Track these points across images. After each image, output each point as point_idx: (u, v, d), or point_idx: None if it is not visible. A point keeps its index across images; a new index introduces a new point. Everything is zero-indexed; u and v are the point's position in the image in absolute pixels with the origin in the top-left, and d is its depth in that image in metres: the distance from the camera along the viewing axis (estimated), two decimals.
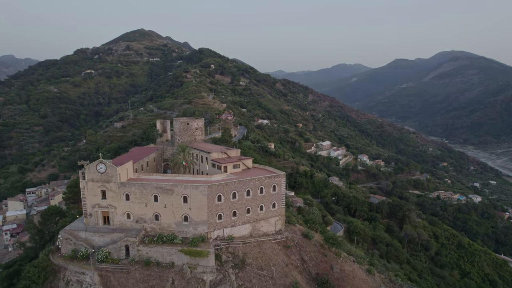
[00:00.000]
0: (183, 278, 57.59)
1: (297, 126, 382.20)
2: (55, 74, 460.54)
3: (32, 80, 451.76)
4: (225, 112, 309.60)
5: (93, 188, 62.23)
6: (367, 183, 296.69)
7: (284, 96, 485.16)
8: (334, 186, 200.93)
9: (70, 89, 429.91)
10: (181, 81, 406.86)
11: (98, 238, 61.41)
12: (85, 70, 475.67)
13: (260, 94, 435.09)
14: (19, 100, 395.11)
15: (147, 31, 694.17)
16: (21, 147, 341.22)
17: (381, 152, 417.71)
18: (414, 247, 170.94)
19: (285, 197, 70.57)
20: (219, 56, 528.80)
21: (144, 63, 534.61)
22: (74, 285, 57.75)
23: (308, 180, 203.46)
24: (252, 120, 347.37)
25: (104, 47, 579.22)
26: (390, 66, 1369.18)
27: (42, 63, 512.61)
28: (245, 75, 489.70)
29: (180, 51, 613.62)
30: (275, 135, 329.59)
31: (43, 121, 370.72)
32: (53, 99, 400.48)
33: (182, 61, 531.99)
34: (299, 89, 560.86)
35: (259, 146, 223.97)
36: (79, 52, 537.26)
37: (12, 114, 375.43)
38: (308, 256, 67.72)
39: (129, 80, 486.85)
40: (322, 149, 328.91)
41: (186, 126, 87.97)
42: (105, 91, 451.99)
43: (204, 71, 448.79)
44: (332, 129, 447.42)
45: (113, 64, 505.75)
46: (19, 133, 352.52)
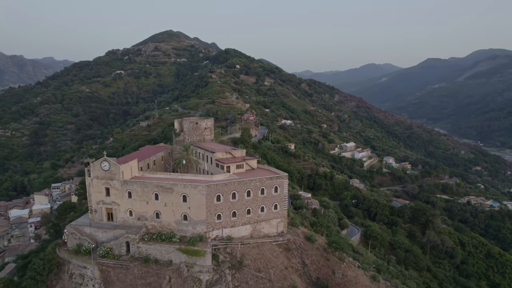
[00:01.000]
0: (180, 276, 58.09)
1: (321, 127, 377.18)
2: (88, 74, 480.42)
3: (67, 80, 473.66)
4: (248, 112, 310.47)
5: (98, 185, 64.11)
6: (392, 186, 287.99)
7: (309, 97, 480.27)
8: (355, 188, 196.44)
9: (101, 89, 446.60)
10: (206, 81, 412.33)
11: (101, 234, 63.18)
12: (115, 70, 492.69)
13: (285, 94, 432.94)
14: (54, 99, 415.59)
15: (175, 32, 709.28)
16: (55, 144, 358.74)
17: (408, 154, 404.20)
18: (437, 254, 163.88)
19: (287, 199, 69.42)
20: (244, 56, 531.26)
21: (171, 63, 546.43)
22: (76, 278, 59.74)
23: (328, 182, 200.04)
24: (275, 120, 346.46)
25: (133, 48, 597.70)
26: (421, 65, 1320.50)
27: (76, 64, 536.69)
28: (270, 75, 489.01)
29: (206, 51, 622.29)
30: (298, 136, 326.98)
31: (75, 120, 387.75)
32: (85, 98, 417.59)
33: (208, 62, 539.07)
34: (325, 89, 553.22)
35: (279, 146, 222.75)
36: (110, 53, 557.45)
37: (48, 113, 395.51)
38: (310, 259, 66.35)
39: (157, 80, 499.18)
40: (346, 150, 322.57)
41: (195, 125, 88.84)
42: (134, 91, 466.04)
43: (229, 71, 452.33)
44: (358, 130, 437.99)
45: (142, 65, 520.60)
46: (54, 131, 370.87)
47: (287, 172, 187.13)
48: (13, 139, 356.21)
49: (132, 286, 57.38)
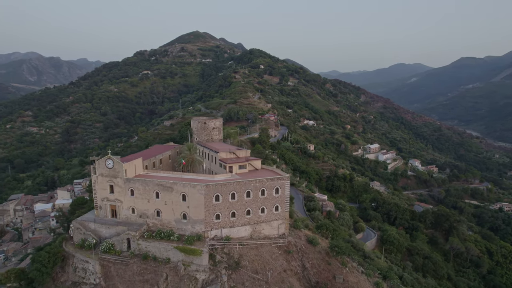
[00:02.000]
0: (176, 274, 58.66)
1: (345, 127, 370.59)
2: (116, 75, 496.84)
3: (97, 81, 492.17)
4: (269, 112, 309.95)
5: (102, 182, 65.94)
6: (416, 190, 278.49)
7: (334, 97, 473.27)
8: (375, 191, 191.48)
9: (128, 89, 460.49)
10: (229, 81, 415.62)
11: (105, 230, 64.95)
12: (142, 71, 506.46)
13: (308, 95, 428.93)
14: (85, 99, 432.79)
15: (202, 33, 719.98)
16: (84, 142, 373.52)
17: (436, 157, 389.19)
18: (461, 263, 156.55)
19: (289, 200, 68.47)
20: (269, 56, 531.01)
21: (197, 64, 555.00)
22: (80, 272, 61.75)
23: (347, 184, 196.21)
24: (297, 121, 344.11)
25: (161, 49, 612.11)
26: (454, 65, 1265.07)
27: (106, 65, 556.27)
28: (294, 75, 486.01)
29: (232, 52, 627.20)
30: (320, 137, 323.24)
31: (103, 119, 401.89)
32: (113, 98, 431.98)
33: (233, 62, 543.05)
34: (350, 89, 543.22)
35: (298, 147, 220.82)
36: (138, 54, 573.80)
37: (79, 112, 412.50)
38: (310, 263, 65.08)
39: (182, 80, 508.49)
40: (370, 152, 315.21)
41: (203, 125, 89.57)
42: (160, 90, 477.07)
43: (253, 71, 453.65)
44: (384, 131, 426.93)
45: (168, 65, 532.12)
46: (83, 129, 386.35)
47: (305, 173, 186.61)
48: (47, 136, 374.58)
49: (130, 282, 58.58)
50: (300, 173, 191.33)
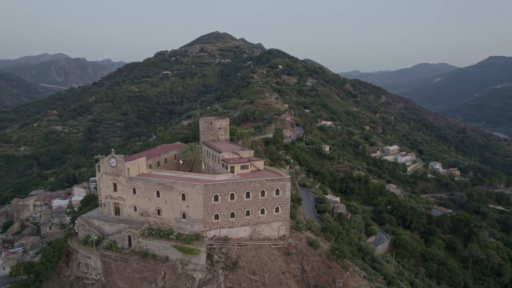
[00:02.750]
0: (174, 273, 59.18)
1: (364, 128, 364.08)
2: (137, 75, 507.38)
3: (118, 81, 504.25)
4: (286, 112, 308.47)
5: (106, 181, 67.38)
6: (436, 193, 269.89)
7: (353, 97, 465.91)
8: (390, 194, 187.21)
9: (148, 89, 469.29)
10: (247, 81, 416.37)
11: (108, 227, 66.34)
12: (163, 71, 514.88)
13: (327, 95, 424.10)
14: (106, 98, 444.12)
15: (221, 34, 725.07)
16: (105, 140, 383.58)
17: (460, 160, 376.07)
18: (481, 270, 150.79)
19: (290, 202, 67.73)
20: (288, 56, 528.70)
21: (216, 64, 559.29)
22: (82, 267, 63.36)
23: (362, 186, 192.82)
24: (314, 121, 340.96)
25: (181, 49, 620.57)
26: (482, 64, 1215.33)
27: (127, 65, 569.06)
28: (313, 75, 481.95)
29: (251, 52, 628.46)
30: (337, 138, 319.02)
31: (124, 118, 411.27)
32: (133, 98, 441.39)
33: (252, 62, 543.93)
34: (371, 90, 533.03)
35: (313, 148, 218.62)
36: (158, 54, 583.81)
37: (100, 111, 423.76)
38: (310, 266, 64.12)
39: (201, 81, 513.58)
40: (389, 153, 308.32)
41: (209, 125, 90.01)
42: (179, 90, 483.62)
43: (271, 71, 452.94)
44: (405, 133, 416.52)
45: (188, 66, 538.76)
46: (104, 128, 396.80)
47: (319, 174, 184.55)
48: (70, 134, 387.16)
49: (129, 279, 59.56)
50: (314, 174, 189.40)
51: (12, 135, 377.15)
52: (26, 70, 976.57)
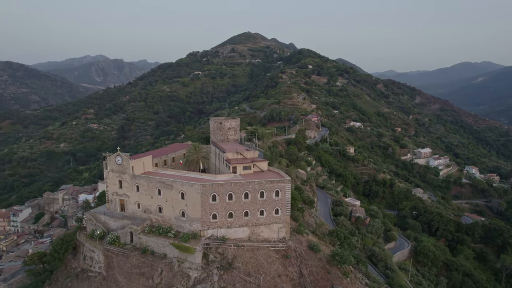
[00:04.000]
0: (171, 270, 60.22)
1: (395, 130, 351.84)
2: (169, 75, 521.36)
3: (152, 81, 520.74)
4: (313, 113, 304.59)
5: (113, 178, 69.81)
6: (471, 200, 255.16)
7: (385, 98, 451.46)
8: (416, 198, 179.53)
9: (180, 89, 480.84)
10: (276, 81, 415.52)
11: (112, 223, 68.71)
12: (194, 71, 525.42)
13: (357, 95, 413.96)
14: (139, 98, 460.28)
15: (253, 34, 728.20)
16: (137, 138, 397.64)
17: (501, 165, 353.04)
18: None
19: (290, 204, 66.67)
20: (318, 56, 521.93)
21: (246, 64, 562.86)
22: (88, 260, 66.06)
23: (386, 190, 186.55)
24: (342, 122, 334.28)
25: (212, 50, 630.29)
26: None
27: (161, 66, 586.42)
28: (344, 75, 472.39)
29: (281, 52, 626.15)
30: (366, 139, 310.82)
31: (155, 117, 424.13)
32: (165, 97, 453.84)
33: (282, 62, 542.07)
34: (404, 90, 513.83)
35: (337, 149, 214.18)
36: (190, 55, 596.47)
37: (133, 110, 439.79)
38: (308, 270, 62.79)
39: (231, 81, 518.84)
40: (420, 156, 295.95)
41: (219, 125, 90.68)
42: (209, 90, 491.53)
43: (300, 71, 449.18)
44: (439, 135, 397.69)
45: (218, 66, 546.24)
46: (137, 126, 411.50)
47: (341, 176, 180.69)
48: (105, 132, 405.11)
49: (128, 274, 61.33)
50: (336, 177, 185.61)
51: (53, 132, 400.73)
52: (70, 71, 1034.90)
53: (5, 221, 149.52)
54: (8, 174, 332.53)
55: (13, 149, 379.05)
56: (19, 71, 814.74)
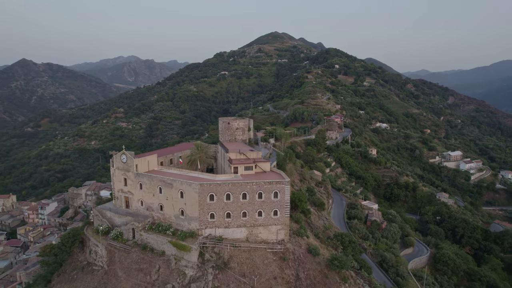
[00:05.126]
0: (168, 267, 61.24)
1: (424, 132, 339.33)
2: (196, 75, 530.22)
3: (179, 81, 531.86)
4: (337, 113, 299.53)
5: (118, 175, 71.97)
6: (506, 206, 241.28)
7: (415, 98, 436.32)
8: (441, 203, 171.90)
9: (206, 89, 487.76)
10: (301, 81, 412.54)
11: (117, 219, 70.86)
12: (220, 71, 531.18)
13: (385, 96, 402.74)
14: (167, 97, 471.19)
15: (280, 34, 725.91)
16: (164, 137, 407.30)
17: None
18: None
19: (289, 206, 65.78)
20: (345, 56, 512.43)
21: (272, 64, 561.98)
22: (93, 254, 68.52)
23: (409, 193, 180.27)
24: (368, 123, 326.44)
25: (239, 50, 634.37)
26: None
27: (188, 66, 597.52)
28: (371, 75, 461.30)
29: (308, 51, 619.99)
30: (392, 141, 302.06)
31: (182, 116, 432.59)
32: (192, 97, 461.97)
33: (308, 62, 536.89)
34: (436, 90, 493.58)
35: (359, 151, 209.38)
36: (217, 55, 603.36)
37: (161, 109, 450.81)
38: (306, 273, 61.73)
39: (257, 81, 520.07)
40: (449, 159, 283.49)
41: (227, 125, 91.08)
42: (235, 90, 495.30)
43: (326, 71, 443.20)
44: (473, 137, 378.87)
45: (244, 66, 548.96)
46: (164, 125, 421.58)
47: (362, 178, 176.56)
48: (133, 131, 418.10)
49: (127, 269, 63.01)
50: (356, 179, 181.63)
51: (85, 130, 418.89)
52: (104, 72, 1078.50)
53: (34, 213, 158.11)
54: (44, 170, 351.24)
55: (50, 146, 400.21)
56: (58, 72, 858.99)
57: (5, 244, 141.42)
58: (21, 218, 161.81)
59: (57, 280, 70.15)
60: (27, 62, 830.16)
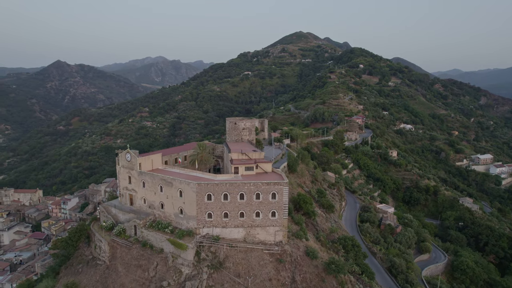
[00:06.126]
0: (165, 264, 62.24)
1: (451, 134, 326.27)
2: (220, 75, 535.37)
3: (203, 81, 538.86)
4: (359, 114, 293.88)
5: (123, 173, 73.92)
6: None
7: (443, 99, 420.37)
8: (464, 208, 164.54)
9: (229, 89, 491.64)
10: (324, 81, 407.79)
11: (121, 216, 72.80)
12: (244, 71, 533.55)
13: (411, 96, 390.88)
14: (190, 97, 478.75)
15: (305, 33, 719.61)
16: (187, 136, 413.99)
17: None
18: None
19: (287, 207, 65.08)
20: (371, 55, 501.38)
21: (296, 64, 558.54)
22: (97, 249, 70.77)
23: (429, 197, 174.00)
24: (391, 124, 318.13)
25: (263, 50, 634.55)
26: None
27: (212, 66, 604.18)
28: (397, 75, 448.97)
29: (332, 51, 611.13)
30: (416, 142, 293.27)
31: (205, 116, 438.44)
32: (215, 97, 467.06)
33: (332, 62, 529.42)
34: (467, 90, 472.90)
35: (378, 152, 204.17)
36: (241, 55, 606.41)
37: (185, 109, 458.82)
38: (302, 276, 60.86)
39: (280, 81, 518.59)
40: (478, 163, 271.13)
41: (234, 125, 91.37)
42: (257, 90, 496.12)
43: (350, 71, 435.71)
44: (506, 140, 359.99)
45: (268, 66, 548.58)
46: (187, 124, 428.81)
47: (380, 181, 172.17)
48: (157, 130, 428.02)
49: (127, 265, 64.60)
50: (374, 181, 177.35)
51: (112, 129, 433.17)
52: (132, 72, 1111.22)
53: (57, 208, 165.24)
54: (73, 166, 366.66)
55: (79, 143, 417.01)
56: (89, 73, 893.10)
57: (29, 236, 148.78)
58: (46, 212, 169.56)
59: (64, 272, 73.04)
60: (61, 63, 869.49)
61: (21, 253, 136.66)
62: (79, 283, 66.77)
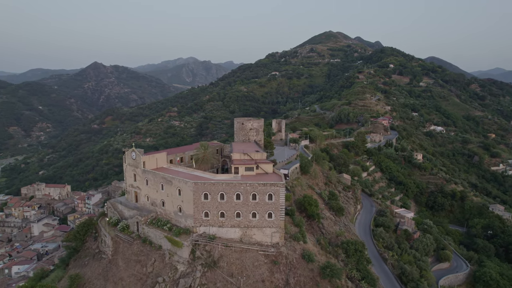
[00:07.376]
0: (162, 261, 63.52)
1: (487, 137, 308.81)
2: (248, 76, 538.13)
3: (231, 81, 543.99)
4: (386, 115, 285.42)
5: (129, 171, 76.21)
6: None
7: (480, 100, 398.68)
8: (494, 216, 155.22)
9: (256, 89, 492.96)
10: (352, 81, 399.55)
11: (126, 212, 75.09)
12: (272, 72, 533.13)
13: (443, 97, 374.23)
14: (218, 97, 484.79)
15: (334, 33, 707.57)
16: (213, 136, 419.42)
17: None
18: None
19: (284, 209, 64.24)
20: (402, 55, 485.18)
21: (324, 64, 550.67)
22: (103, 244, 73.43)
23: (455, 203, 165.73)
24: (421, 126, 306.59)
25: (291, 50, 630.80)
26: None
27: (240, 67, 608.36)
28: (430, 74, 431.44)
29: (362, 51, 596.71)
30: (447, 145, 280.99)
31: (231, 116, 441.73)
32: (241, 97, 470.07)
33: (362, 61, 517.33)
34: (508, 91, 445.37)
35: (403, 155, 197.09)
36: (269, 56, 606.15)
37: (212, 109, 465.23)
38: (296, 279, 59.90)
39: (308, 81, 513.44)
40: None
41: (241, 126, 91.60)
42: (285, 91, 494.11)
43: (380, 71, 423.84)
44: None
45: (296, 66, 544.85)
46: (214, 124, 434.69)
47: (402, 184, 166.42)
48: (185, 129, 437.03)
49: (127, 260, 66.54)
50: (396, 184, 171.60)
51: (142, 128, 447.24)
52: (164, 73, 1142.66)
53: (82, 203, 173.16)
54: (104, 163, 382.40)
55: (110, 141, 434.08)
56: (123, 73, 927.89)
57: (56, 229, 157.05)
58: (72, 206, 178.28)
59: (73, 264, 76.45)
60: (98, 65, 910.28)
61: (47, 244, 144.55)
62: (84, 275, 69.63)
